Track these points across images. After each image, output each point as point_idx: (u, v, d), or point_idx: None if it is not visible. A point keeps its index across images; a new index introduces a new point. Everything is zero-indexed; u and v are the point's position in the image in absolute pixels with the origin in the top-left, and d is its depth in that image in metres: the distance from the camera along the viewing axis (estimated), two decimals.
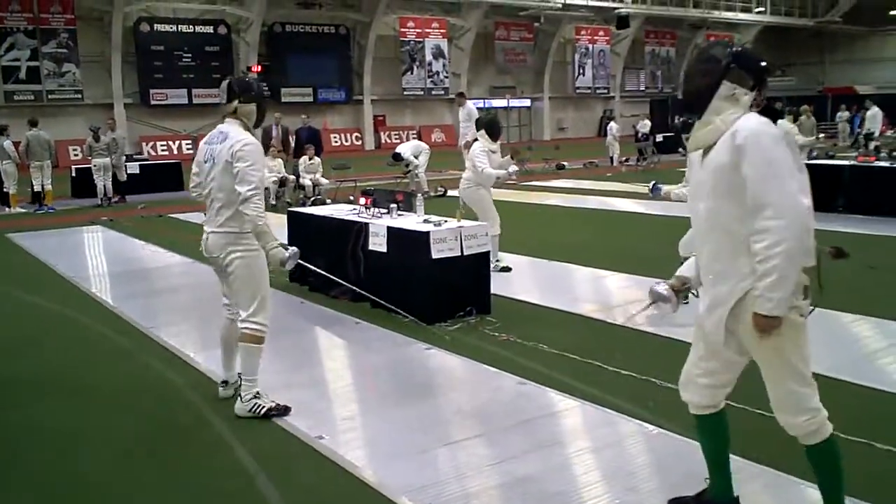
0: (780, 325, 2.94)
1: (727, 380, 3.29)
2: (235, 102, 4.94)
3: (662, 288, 3.53)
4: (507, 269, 8.89)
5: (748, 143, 2.92)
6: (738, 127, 2.96)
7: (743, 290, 3.01)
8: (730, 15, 48.40)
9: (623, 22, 42.70)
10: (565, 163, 23.82)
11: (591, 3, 41.62)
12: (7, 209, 16.24)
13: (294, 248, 4.92)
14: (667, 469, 3.99)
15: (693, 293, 3.53)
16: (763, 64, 3.10)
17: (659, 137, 24.79)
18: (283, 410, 4.81)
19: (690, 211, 3.28)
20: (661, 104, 27.00)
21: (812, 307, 3.06)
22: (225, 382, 5.18)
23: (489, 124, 9.02)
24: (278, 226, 10.45)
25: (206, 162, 4.90)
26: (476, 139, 8.89)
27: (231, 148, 4.70)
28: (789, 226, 2.86)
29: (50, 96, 29.90)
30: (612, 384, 5.17)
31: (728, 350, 3.16)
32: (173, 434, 4.68)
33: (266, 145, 17.18)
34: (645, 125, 24.42)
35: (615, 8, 42.58)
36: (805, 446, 3.13)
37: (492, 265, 7.75)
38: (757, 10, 49.76)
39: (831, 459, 3.13)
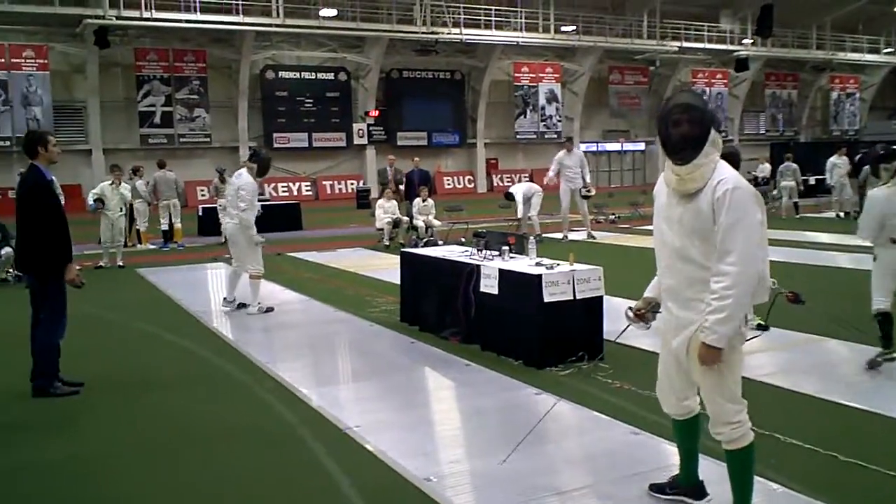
0: (719, 356, 3.44)
1: (692, 391, 3.82)
2: (248, 161, 9.82)
3: (628, 312, 4.03)
4: (763, 328, 7.57)
5: (728, 196, 3.36)
6: (719, 179, 3.41)
7: (706, 319, 3.44)
8: (856, 56, 46.59)
9: (742, 65, 41.80)
10: None
11: (708, 46, 40.97)
12: (138, 245, 17.15)
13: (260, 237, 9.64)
14: None
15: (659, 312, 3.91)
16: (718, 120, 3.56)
17: (811, 180, 23.97)
18: (271, 308, 9.44)
19: (659, 241, 3.72)
20: (780, 147, 26.14)
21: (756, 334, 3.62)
22: (225, 299, 9.85)
23: None
24: (391, 266, 10.71)
25: (229, 185, 10.38)
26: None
27: (238, 183, 9.59)
28: (744, 272, 3.34)
29: (181, 139, 31.62)
30: None
31: (689, 364, 3.64)
32: (284, 471, 4.75)
33: (384, 185, 17.64)
34: (764, 169, 23.65)
35: (734, 51, 41.75)
36: (726, 450, 3.67)
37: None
38: (886, 50, 47.68)
39: (746, 464, 3.68)
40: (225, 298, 9.94)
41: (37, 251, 6.23)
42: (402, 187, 17.66)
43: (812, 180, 24.39)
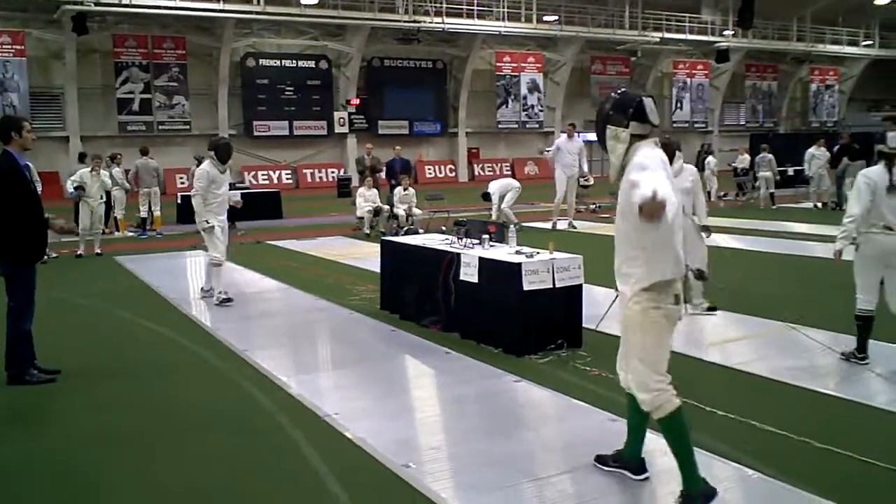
0: (662, 209, 3.47)
1: None
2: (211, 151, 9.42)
3: None
4: (712, 309, 8.26)
5: (630, 168, 3.74)
6: (631, 162, 3.76)
7: (633, 291, 3.86)
8: (835, 48, 46.91)
9: (723, 56, 42.00)
10: None
11: (689, 38, 41.10)
12: (116, 233, 17.01)
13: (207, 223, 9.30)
14: None
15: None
16: (634, 104, 3.88)
17: (790, 171, 24.12)
18: (229, 300, 9.19)
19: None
20: (760, 138, 26.30)
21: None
22: (202, 289, 9.78)
23: None
24: (372, 254, 10.70)
25: None
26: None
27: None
28: (645, 185, 3.45)
29: (160, 127, 31.34)
30: (708, 425, 4.98)
31: (623, 334, 4.04)
32: (263, 459, 4.74)
33: (362, 174, 17.56)
34: (744, 160, 23.81)
35: (715, 42, 41.92)
36: (657, 420, 3.93)
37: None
38: (864, 43, 48.05)
39: (675, 430, 3.88)
40: (202, 288, 9.89)
41: (7, 238, 6.16)
42: (380, 175, 17.56)
43: (791, 171, 24.56)
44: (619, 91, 4.13)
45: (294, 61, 34.09)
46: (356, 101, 35.03)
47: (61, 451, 4.91)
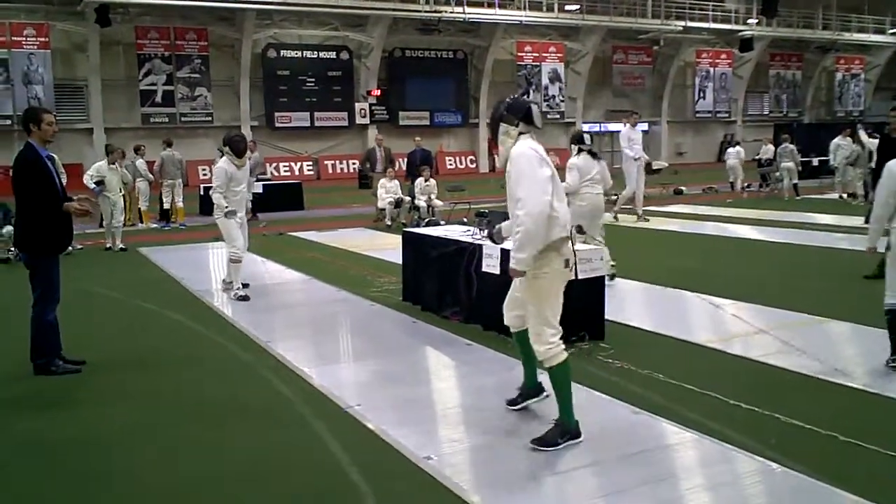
0: (521, 274, 4.53)
1: (523, 309, 4.78)
2: (225, 147, 9.42)
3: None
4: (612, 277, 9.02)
5: (514, 160, 4.57)
6: (513, 151, 4.60)
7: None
8: (862, 36, 46.28)
9: (747, 45, 41.55)
10: (683, 188, 23.27)
11: (713, 26, 40.69)
12: (140, 224, 17.15)
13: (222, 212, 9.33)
14: None
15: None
16: (526, 109, 4.70)
17: (815, 162, 23.89)
18: (245, 297, 9.14)
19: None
20: (784, 129, 26.00)
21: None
22: (223, 281, 9.79)
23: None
24: (393, 245, 10.72)
25: None
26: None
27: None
28: (529, 213, 4.38)
29: (183, 118, 31.52)
30: (731, 417, 4.95)
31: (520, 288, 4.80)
32: (284, 449, 4.76)
33: (373, 166, 17.60)
34: (767, 150, 23.58)
35: (739, 30, 41.49)
36: (545, 368, 4.63)
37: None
38: (891, 31, 47.33)
39: (561, 378, 4.62)
40: (223, 280, 9.86)
41: (27, 228, 6.22)
42: (398, 165, 17.51)
43: (815, 161, 24.28)
44: (512, 97, 5.03)
45: (315, 52, 34.14)
46: (377, 92, 35.04)
47: (86, 441, 4.96)
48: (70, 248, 9.55)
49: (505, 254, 6.93)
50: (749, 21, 42.12)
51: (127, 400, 5.78)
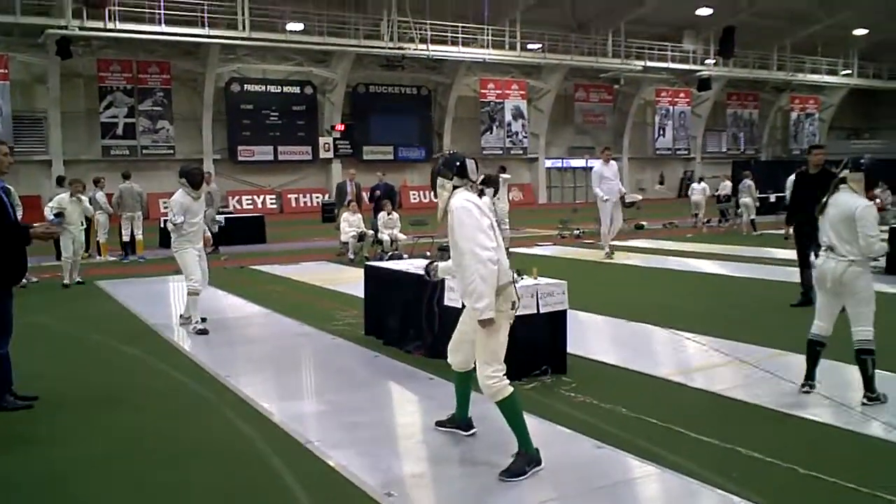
0: (491, 323, 4.63)
1: (467, 352, 5.10)
2: (182, 179, 9.38)
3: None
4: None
5: (452, 214, 4.75)
6: (451, 205, 4.79)
7: None
8: (815, 77, 47.63)
9: (705, 84, 42.52)
10: (644, 223, 23.55)
11: (672, 66, 41.61)
12: (98, 257, 16.86)
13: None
14: None
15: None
16: (458, 164, 4.89)
17: (772, 198, 24.34)
18: (204, 331, 8.97)
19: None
20: (742, 166, 26.67)
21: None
22: (181, 316, 9.54)
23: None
24: (356, 279, 10.65)
25: None
26: None
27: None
28: (473, 264, 4.58)
29: (144, 151, 31.29)
30: (693, 451, 4.95)
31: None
32: (242, 487, 4.66)
33: (341, 201, 17.58)
34: (726, 186, 24.01)
35: (697, 70, 42.45)
36: (496, 403, 4.76)
37: None
38: (843, 72, 48.78)
39: (510, 409, 4.75)
40: (181, 315, 9.66)
41: None
42: (365, 200, 17.56)
43: (773, 198, 24.75)
44: (449, 153, 5.23)
45: (279, 87, 34.20)
46: (341, 127, 35.14)
47: (38, 481, 4.80)
48: (25, 280, 9.33)
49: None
50: (707, 62, 43.14)
51: (81, 438, 5.62)
